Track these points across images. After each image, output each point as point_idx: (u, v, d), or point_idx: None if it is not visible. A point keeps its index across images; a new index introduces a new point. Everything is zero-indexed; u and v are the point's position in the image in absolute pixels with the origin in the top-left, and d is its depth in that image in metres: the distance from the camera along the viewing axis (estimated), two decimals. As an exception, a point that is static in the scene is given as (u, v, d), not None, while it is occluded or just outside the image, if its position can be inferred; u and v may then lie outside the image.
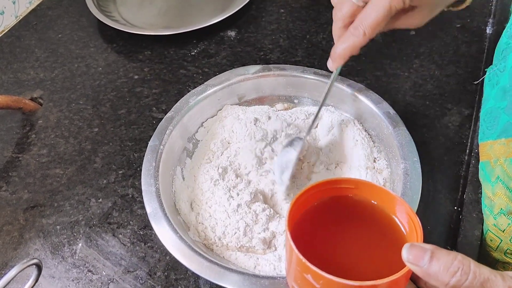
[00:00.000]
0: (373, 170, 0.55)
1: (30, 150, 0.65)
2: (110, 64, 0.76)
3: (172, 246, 0.47)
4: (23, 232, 0.56)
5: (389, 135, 0.56)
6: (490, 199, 0.49)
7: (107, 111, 0.69)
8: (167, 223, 0.48)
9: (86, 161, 0.63)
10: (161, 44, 0.78)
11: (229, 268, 0.45)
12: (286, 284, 0.43)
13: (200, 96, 0.60)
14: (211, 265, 0.45)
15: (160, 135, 0.56)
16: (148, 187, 0.51)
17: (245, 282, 0.44)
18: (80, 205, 0.58)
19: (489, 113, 0.51)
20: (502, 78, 0.51)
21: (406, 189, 0.49)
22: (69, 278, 0.52)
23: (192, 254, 0.46)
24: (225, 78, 0.62)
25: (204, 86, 0.61)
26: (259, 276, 0.45)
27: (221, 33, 0.80)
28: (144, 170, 0.53)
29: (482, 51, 0.72)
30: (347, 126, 0.60)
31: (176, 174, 0.56)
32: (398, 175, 0.52)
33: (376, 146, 0.58)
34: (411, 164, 0.51)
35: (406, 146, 0.53)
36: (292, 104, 0.65)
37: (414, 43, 0.74)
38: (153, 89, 0.71)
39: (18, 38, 0.82)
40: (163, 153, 0.55)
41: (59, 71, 0.76)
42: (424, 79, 0.69)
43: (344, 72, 0.70)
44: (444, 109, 0.65)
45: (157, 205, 0.50)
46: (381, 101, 0.58)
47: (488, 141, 0.50)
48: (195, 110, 0.60)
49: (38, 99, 0.72)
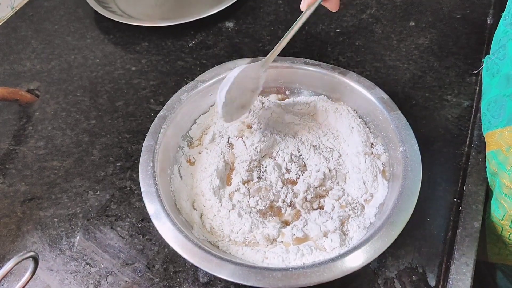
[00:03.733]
0: (371, 156, 0.56)
1: (27, 142, 0.64)
2: (107, 55, 0.75)
3: (177, 244, 0.46)
4: (20, 225, 0.56)
5: (385, 120, 0.56)
6: (510, 188, 0.48)
7: (104, 103, 0.68)
8: (171, 223, 0.47)
9: (83, 153, 0.62)
10: (159, 36, 0.78)
11: (226, 259, 0.45)
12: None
13: (192, 93, 0.60)
14: (209, 256, 0.45)
15: (155, 135, 0.55)
16: (148, 187, 0.50)
17: (241, 272, 0.44)
18: (77, 197, 0.58)
19: (493, 102, 0.51)
20: (504, 66, 0.51)
21: (407, 171, 0.50)
22: (67, 271, 0.52)
23: (194, 248, 0.46)
24: (215, 73, 0.62)
25: (195, 82, 0.61)
26: (256, 266, 0.45)
27: (219, 24, 0.79)
28: (141, 171, 0.52)
29: (482, 42, 0.71)
30: (341, 114, 0.60)
31: (174, 173, 0.56)
32: (397, 158, 0.53)
33: (371, 131, 0.59)
34: (409, 147, 0.52)
35: (402, 129, 0.54)
36: (284, 96, 0.64)
37: (414, 34, 0.74)
38: (151, 81, 0.71)
39: (14, 29, 0.81)
40: (159, 153, 0.54)
41: (56, 63, 0.75)
42: (423, 71, 0.68)
43: (344, 64, 0.70)
44: (444, 101, 0.64)
45: (159, 206, 0.49)
46: (374, 87, 0.59)
47: (496, 130, 0.50)
48: (187, 107, 0.59)
49: (35, 91, 0.71)
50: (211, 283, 0.50)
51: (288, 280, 0.43)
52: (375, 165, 0.55)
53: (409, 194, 0.48)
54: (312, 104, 0.61)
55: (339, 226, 0.51)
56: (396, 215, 0.47)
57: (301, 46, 0.74)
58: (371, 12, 0.78)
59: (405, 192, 0.49)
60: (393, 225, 0.46)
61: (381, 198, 0.52)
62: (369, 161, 0.55)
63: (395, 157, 0.54)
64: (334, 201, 0.53)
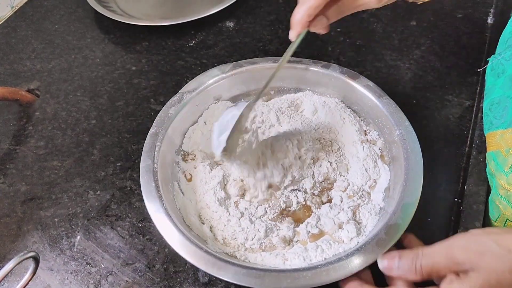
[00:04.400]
0: (367, 143, 0.57)
1: (28, 142, 0.64)
2: (107, 55, 0.75)
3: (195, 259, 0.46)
4: (21, 225, 0.56)
5: (375, 106, 0.57)
6: (506, 189, 0.48)
7: (104, 102, 0.68)
8: (194, 245, 0.46)
9: (83, 153, 0.62)
10: (159, 35, 0.77)
11: (227, 260, 0.45)
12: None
13: (178, 105, 0.59)
14: (212, 258, 0.45)
15: (150, 153, 0.54)
16: (158, 210, 0.49)
17: (242, 274, 0.44)
18: (78, 197, 0.58)
19: (496, 103, 0.51)
20: (510, 67, 0.50)
21: (407, 153, 0.52)
22: (67, 271, 0.52)
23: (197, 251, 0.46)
24: (199, 83, 0.61)
25: (180, 95, 0.60)
26: (258, 268, 0.45)
27: (220, 23, 0.79)
28: (145, 193, 0.50)
29: (484, 42, 0.71)
30: (330, 107, 0.60)
31: (175, 190, 0.54)
32: (395, 141, 0.54)
33: (362, 119, 0.60)
34: (405, 129, 0.54)
35: (394, 113, 0.55)
36: (270, 96, 0.64)
37: (415, 33, 0.74)
38: (151, 81, 0.71)
39: (14, 29, 0.81)
40: (158, 172, 0.53)
41: (56, 63, 0.75)
42: (424, 71, 0.68)
43: (344, 63, 0.70)
44: (445, 101, 0.64)
45: (174, 230, 0.47)
46: (358, 76, 0.59)
47: (497, 131, 0.50)
48: (177, 121, 0.58)
49: (35, 91, 0.71)
50: (212, 283, 0.50)
51: (326, 275, 0.44)
52: (373, 152, 0.56)
53: (415, 175, 0.50)
54: (299, 100, 0.62)
55: (352, 216, 0.51)
56: (408, 197, 0.48)
57: (301, 46, 0.73)
58: (372, 11, 0.78)
59: (410, 173, 0.50)
60: (406, 206, 0.47)
61: (385, 182, 0.54)
62: (366, 148, 0.56)
63: (392, 141, 0.55)
64: (341, 192, 0.54)
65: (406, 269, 0.42)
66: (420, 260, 0.41)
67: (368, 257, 0.45)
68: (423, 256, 0.41)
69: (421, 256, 0.41)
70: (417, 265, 0.41)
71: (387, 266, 0.43)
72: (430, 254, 0.41)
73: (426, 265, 0.41)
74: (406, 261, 0.42)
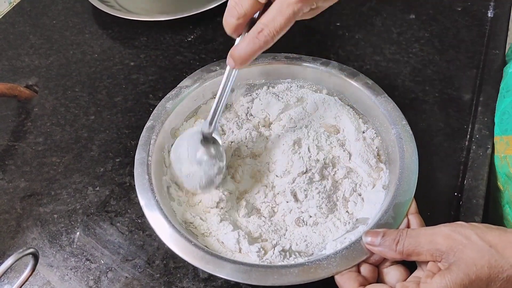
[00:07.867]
0: (365, 142, 0.57)
1: (26, 138, 0.64)
2: (106, 50, 0.75)
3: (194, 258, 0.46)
4: (20, 221, 0.56)
5: (372, 104, 0.57)
6: None
7: (103, 98, 0.68)
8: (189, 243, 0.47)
9: (82, 149, 0.62)
10: (157, 30, 0.77)
11: (225, 258, 0.45)
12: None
13: (176, 99, 0.58)
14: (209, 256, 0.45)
15: (145, 146, 0.54)
16: (149, 203, 0.50)
17: (239, 272, 0.44)
18: (77, 193, 0.58)
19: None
20: None
21: (402, 152, 0.52)
22: (67, 267, 0.52)
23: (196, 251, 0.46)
24: (197, 77, 0.61)
25: (178, 89, 0.60)
26: (255, 265, 0.45)
27: (218, 18, 0.78)
28: (138, 186, 0.51)
29: (483, 35, 0.71)
30: (329, 104, 0.60)
31: (169, 182, 0.54)
32: (391, 140, 0.54)
33: (361, 117, 0.60)
34: (401, 128, 0.54)
35: (392, 112, 0.55)
36: None
37: (414, 27, 0.73)
38: (150, 76, 0.70)
39: (12, 24, 0.81)
40: (152, 165, 0.53)
41: (54, 58, 0.75)
42: (423, 64, 0.68)
43: (343, 57, 0.69)
44: (444, 94, 0.64)
45: (164, 222, 0.48)
46: (357, 74, 0.59)
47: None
48: (173, 115, 0.58)
49: (34, 87, 0.71)
50: (211, 279, 0.50)
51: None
52: (370, 151, 0.56)
53: (409, 173, 0.50)
54: (299, 98, 0.62)
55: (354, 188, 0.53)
56: (401, 196, 0.48)
57: (300, 40, 0.73)
58: (371, 5, 0.77)
59: (405, 173, 0.50)
60: (399, 205, 0.48)
61: (383, 181, 0.53)
62: (365, 147, 0.56)
63: (389, 140, 0.55)
64: (340, 192, 0.54)
65: (387, 246, 0.42)
66: (403, 240, 0.42)
67: (356, 256, 0.45)
68: (407, 236, 0.42)
69: (405, 236, 0.42)
70: (399, 244, 0.42)
71: (370, 242, 0.44)
72: (414, 236, 0.42)
73: (408, 245, 0.42)
74: (389, 238, 0.43)
